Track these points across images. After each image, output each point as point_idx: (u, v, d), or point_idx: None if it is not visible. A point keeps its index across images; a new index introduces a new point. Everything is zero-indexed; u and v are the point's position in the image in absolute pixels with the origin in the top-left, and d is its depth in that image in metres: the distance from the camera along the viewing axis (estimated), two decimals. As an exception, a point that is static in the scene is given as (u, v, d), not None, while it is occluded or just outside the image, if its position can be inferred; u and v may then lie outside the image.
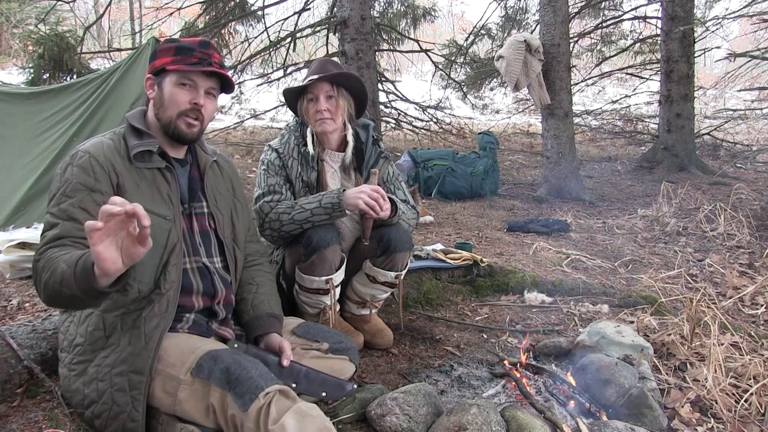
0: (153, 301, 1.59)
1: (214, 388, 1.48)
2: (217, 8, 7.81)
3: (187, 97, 1.67)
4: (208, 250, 1.79)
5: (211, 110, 1.75)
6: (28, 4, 11.67)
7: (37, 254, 1.48)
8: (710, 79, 12.49)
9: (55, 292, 1.39)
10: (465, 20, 24.80)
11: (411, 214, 2.37)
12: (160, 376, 1.56)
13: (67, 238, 1.49)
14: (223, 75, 1.70)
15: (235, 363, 1.50)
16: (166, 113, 1.68)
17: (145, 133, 1.69)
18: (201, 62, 1.66)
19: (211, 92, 1.72)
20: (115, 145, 1.66)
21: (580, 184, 6.04)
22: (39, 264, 1.45)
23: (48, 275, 1.39)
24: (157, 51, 1.71)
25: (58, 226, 1.51)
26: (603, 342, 2.22)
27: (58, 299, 1.43)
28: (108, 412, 1.52)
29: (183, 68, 1.65)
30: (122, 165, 1.63)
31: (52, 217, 1.54)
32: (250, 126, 11.16)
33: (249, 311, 1.89)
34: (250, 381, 1.44)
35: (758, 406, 1.87)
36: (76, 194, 1.55)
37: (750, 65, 7.13)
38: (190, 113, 1.68)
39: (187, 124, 1.68)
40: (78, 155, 1.60)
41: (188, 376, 1.52)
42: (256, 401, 1.41)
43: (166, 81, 1.67)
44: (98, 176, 1.57)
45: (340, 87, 2.25)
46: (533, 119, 13.77)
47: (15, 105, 4.19)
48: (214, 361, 1.52)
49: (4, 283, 2.95)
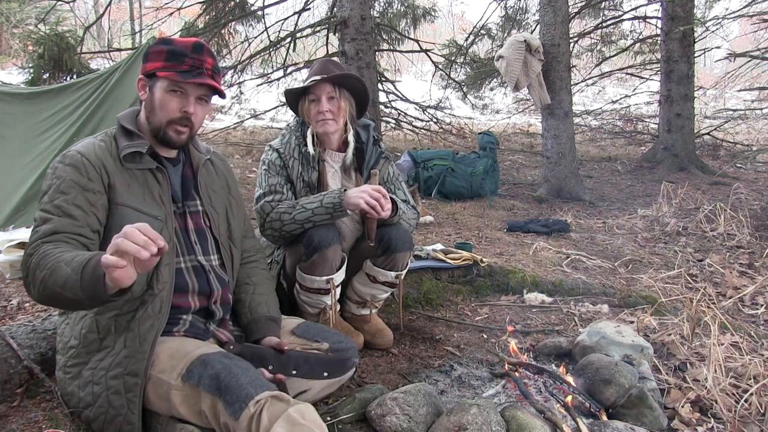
0: (146, 302, 1.58)
1: (205, 395, 1.46)
2: (217, 8, 7.81)
3: (178, 105, 1.64)
4: (204, 248, 1.78)
5: (202, 116, 1.73)
6: (28, 4, 11.67)
7: (29, 248, 1.46)
8: (710, 79, 12.50)
9: (54, 294, 1.37)
10: (465, 20, 24.80)
11: (411, 214, 2.37)
12: (151, 380, 1.55)
13: (62, 234, 1.48)
14: (212, 86, 1.66)
15: (225, 369, 1.46)
16: (156, 119, 1.66)
17: (135, 134, 1.67)
18: (192, 71, 1.62)
19: (202, 98, 1.69)
20: (106, 146, 1.65)
21: (580, 184, 6.04)
22: (32, 259, 1.43)
23: (46, 274, 1.37)
24: (149, 52, 1.68)
25: (52, 221, 1.50)
26: (603, 342, 2.22)
27: (54, 300, 1.42)
28: (104, 415, 1.52)
29: (174, 77, 1.61)
30: (113, 165, 1.62)
31: (45, 213, 1.53)
32: (250, 126, 11.15)
33: (246, 313, 1.88)
34: (240, 389, 1.41)
35: (758, 406, 1.87)
36: (70, 191, 1.54)
37: (750, 65, 7.12)
38: (179, 121, 1.66)
39: (176, 132, 1.67)
40: (70, 155, 1.60)
41: (179, 381, 1.51)
42: (246, 410, 1.37)
43: (157, 86, 1.65)
44: (91, 176, 1.57)
45: (341, 88, 2.25)
46: (533, 119, 13.76)
47: (15, 105, 4.19)
48: (204, 367, 1.49)
49: (4, 283, 2.95)
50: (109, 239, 1.41)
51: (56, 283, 1.35)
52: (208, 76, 1.65)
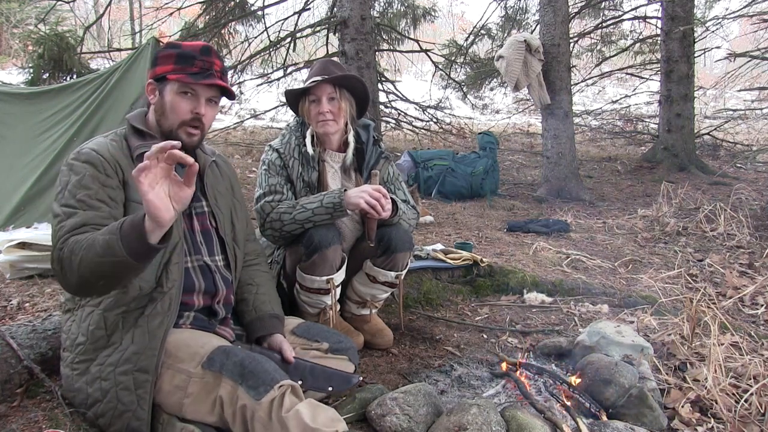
0: (155, 299, 1.60)
1: (226, 381, 1.49)
2: (217, 8, 7.81)
3: (189, 107, 1.67)
4: (210, 249, 1.79)
5: (212, 117, 1.74)
6: (28, 4, 11.67)
7: (59, 244, 1.47)
8: (710, 79, 12.49)
9: (95, 268, 1.38)
10: (465, 20, 24.80)
11: (411, 214, 2.37)
12: (170, 371, 1.56)
13: (89, 226, 1.49)
14: (222, 87, 1.69)
15: (249, 357, 1.52)
16: (168, 122, 1.68)
17: (148, 134, 1.70)
18: (202, 72, 1.65)
19: (212, 100, 1.72)
20: (118, 145, 1.67)
21: (580, 184, 6.04)
22: (64, 252, 1.43)
23: (83, 254, 1.38)
24: (158, 56, 1.70)
25: (77, 215, 1.51)
26: (603, 342, 2.22)
27: (96, 275, 1.40)
28: (113, 411, 1.52)
29: (185, 79, 1.64)
30: (126, 164, 1.64)
31: (69, 207, 1.53)
32: (250, 126, 11.16)
33: (251, 312, 1.89)
34: (266, 373, 1.47)
35: (758, 406, 1.87)
36: (92, 186, 1.55)
37: (750, 65, 7.12)
38: (191, 123, 1.68)
39: (188, 134, 1.69)
40: (84, 152, 1.61)
41: (199, 369, 1.53)
42: (271, 392, 1.43)
43: (167, 89, 1.67)
44: (108, 172, 1.59)
45: (342, 89, 2.25)
46: (533, 119, 13.76)
47: (15, 105, 4.19)
48: (226, 355, 1.53)
49: (4, 283, 2.95)
50: None
51: (96, 254, 1.36)
52: (217, 77, 1.67)
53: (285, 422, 1.39)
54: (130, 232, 1.33)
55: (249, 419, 1.44)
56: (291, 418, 1.39)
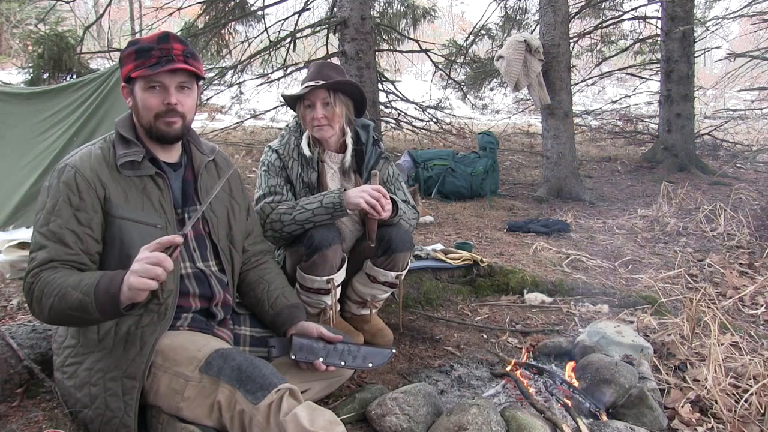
0: (152, 310, 1.59)
1: (224, 385, 1.48)
2: (217, 8, 7.81)
3: (158, 100, 1.63)
4: (203, 255, 1.77)
5: (190, 103, 1.70)
6: (28, 4, 11.66)
7: (29, 276, 1.51)
8: (710, 79, 12.50)
9: (66, 317, 1.47)
10: (465, 20, 24.82)
11: (411, 214, 2.37)
12: (167, 374, 1.55)
13: (56, 261, 1.52)
14: (187, 69, 1.63)
15: (247, 361, 1.52)
16: (144, 119, 1.66)
17: (132, 142, 1.66)
18: (160, 61, 1.60)
19: (183, 86, 1.66)
20: (103, 154, 1.64)
21: (580, 184, 6.04)
22: (35, 287, 1.49)
23: (54, 301, 1.45)
24: (121, 58, 1.67)
25: (47, 249, 1.53)
26: (603, 342, 2.22)
27: (65, 321, 1.53)
28: (101, 417, 1.52)
29: (145, 73, 1.60)
30: (109, 176, 1.62)
31: (41, 237, 1.54)
32: (250, 126, 11.15)
33: (269, 310, 1.89)
34: (263, 378, 1.47)
35: (758, 406, 1.87)
36: (62, 213, 1.55)
37: (750, 65, 7.13)
38: (165, 114, 1.64)
39: (167, 123, 1.65)
40: (65, 170, 1.60)
41: (196, 373, 1.52)
42: (269, 396, 1.43)
43: (136, 88, 1.64)
44: (83, 194, 1.57)
45: (337, 93, 2.23)
46: (533, 119, 13.76)
47: (15, 105, 4.19)
48: (224, 359, 1.52)
49: (4, 283, 2.95)
50: (110, 253, 1.56)
51: (68, 307, 1.43)
52: (179, 61, 1.61)
53: (283, 426, 1.39)
54: (105, 300, 1.41)
55: (247, 424, 1.43)
56: (289, 421, 1.39)
